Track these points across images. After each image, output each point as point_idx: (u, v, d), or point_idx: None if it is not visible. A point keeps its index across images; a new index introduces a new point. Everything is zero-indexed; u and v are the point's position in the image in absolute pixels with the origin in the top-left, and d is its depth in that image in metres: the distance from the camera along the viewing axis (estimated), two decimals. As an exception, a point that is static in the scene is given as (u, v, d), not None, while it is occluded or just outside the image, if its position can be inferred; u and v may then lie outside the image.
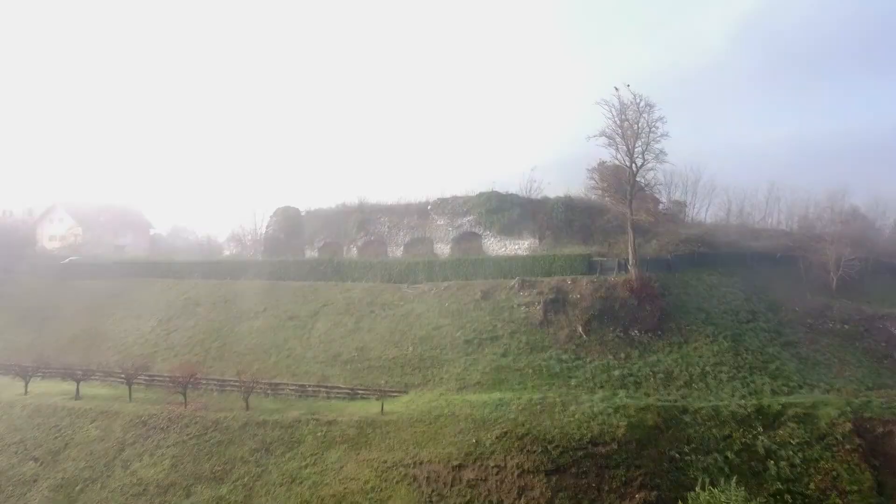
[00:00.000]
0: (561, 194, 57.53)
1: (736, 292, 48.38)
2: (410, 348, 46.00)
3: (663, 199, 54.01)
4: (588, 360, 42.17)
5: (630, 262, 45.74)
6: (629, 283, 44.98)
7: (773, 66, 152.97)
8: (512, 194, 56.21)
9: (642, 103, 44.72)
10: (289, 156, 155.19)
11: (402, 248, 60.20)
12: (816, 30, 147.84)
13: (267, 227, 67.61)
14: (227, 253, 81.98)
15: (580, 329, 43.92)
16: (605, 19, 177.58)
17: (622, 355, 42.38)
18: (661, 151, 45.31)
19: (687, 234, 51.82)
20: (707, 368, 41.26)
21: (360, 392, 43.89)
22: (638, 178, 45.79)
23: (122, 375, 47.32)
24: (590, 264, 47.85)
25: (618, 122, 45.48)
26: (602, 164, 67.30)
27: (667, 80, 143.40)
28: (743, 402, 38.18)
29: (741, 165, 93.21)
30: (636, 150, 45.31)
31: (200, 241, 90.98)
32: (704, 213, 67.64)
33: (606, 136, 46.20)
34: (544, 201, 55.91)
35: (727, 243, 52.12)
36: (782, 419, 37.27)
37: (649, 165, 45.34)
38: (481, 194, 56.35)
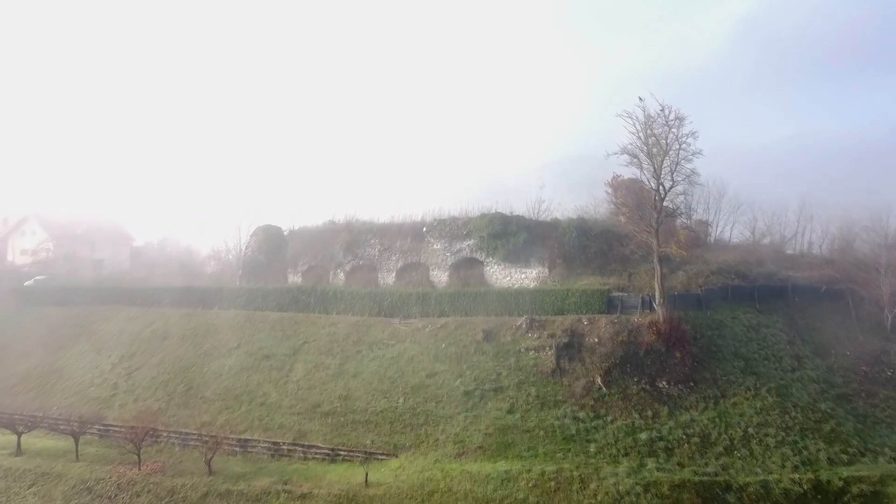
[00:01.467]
0: (573, 215, 51.37)
1: (777, 333, 41.98)
2: (401, 400, 39.67)
3: (688, 221, 47.34)
4: (609, 418, 35.83)
5: (657, 301, 39.38)
6: (656, 325, 38.65)
7: (773, 66, 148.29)
8: (518, 216, 49.69)
9: (671, 116, 38.41)
10: (273, 165, 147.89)
11: (393, 273, 53.82)
12: (817, 30, 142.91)
13: (246, 248, 61.22)
14: (207, 270, 75.90)
15: (599, 380, 37.58)
16: (605, 19, 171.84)
17: (649, 413, 36.02)
18: (693, 172, 39.03)
19: (718, 264, 45.34)
20: (750, 430, 34.89)
21: (341, 453, 37.59)
22: (666, 203, 39.39)
23: (69, 428, 41.33)
24: (609, 301, 41.47)
25: (642, 137, 39.12)
26: (617, 178, 61.19)
27: (667, 81, 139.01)
28: (796, 475, 31.92)
29: (741, 166, 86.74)
30: (663, 169, 38.93)
31: (181, 255, 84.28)
32: (729, 232, 61.32)
33: (629, 154, 39.88)
34: (554, 224, 49.40)
35: (765, 274, 45.61)
36: (845, 499, 31.12)
37: (679, 188, 39.01)
38: (483, 215, 49.89)
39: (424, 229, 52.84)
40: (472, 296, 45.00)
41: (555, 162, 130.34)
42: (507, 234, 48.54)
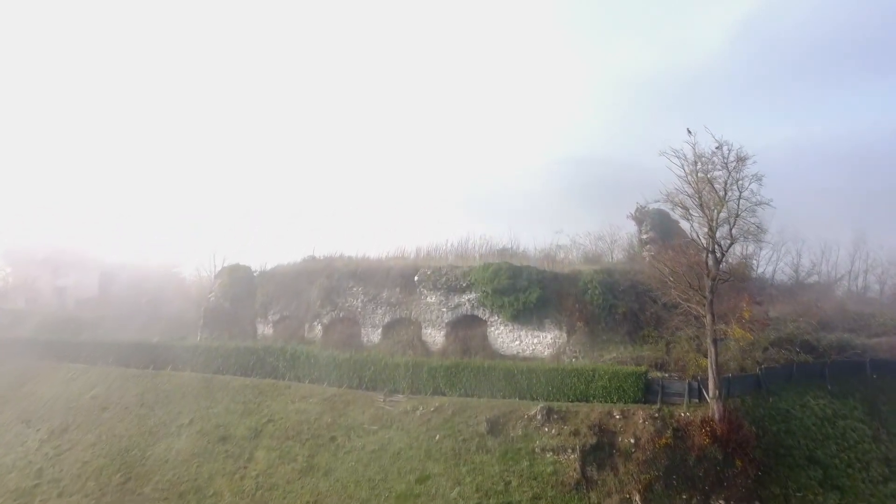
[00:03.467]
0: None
1: (858, 426, 33.33)
2: (383, 515, 31.13)
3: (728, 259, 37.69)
4: (653, 556, 27.28)
5: (710, 392, 30.74)
6: (709, 423, 30.07)
7: (773, 67, 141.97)
8: (529, 267, 40.86)
9: (731, 155, 29.80)
10: (249, 183, 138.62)
11: (379, 330, 45.23)
12: (817, 30, 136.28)
13: (209, 294, 52.53)
14: (174, 307, 67.67)
15: (637, 498, 28.97)
16: (605, 19, 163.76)
17: (705, 547, 27.46)
18: (759, 227, 30.38)
19: (777, 333, 36.60)
20: (840, 576, 26.34)
21: (304, 592, 29.17)
22: (722, 266, 30.71)
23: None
24: (646, 385, 32.84)
25: (692, 182, 30.51)
26: (642, 208, 52.44)
27: (667, 81, 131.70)
28: None
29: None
30: (719, 223, 30.34)
31: (151, 287, 75.63)
32: (771, 272, 52.90)
33: (674, 203, 31.30)
34: (574, 277, 40.57)
35: (836, 345, 36.84)
36: None
37: (747, 250, 30.63)
38: (487, 266, 41.13)
39: (416, 278, 44.17)
40: (473, 371, 36.35)
41: (556, 163, 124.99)
42: (517, 290, 39.85)
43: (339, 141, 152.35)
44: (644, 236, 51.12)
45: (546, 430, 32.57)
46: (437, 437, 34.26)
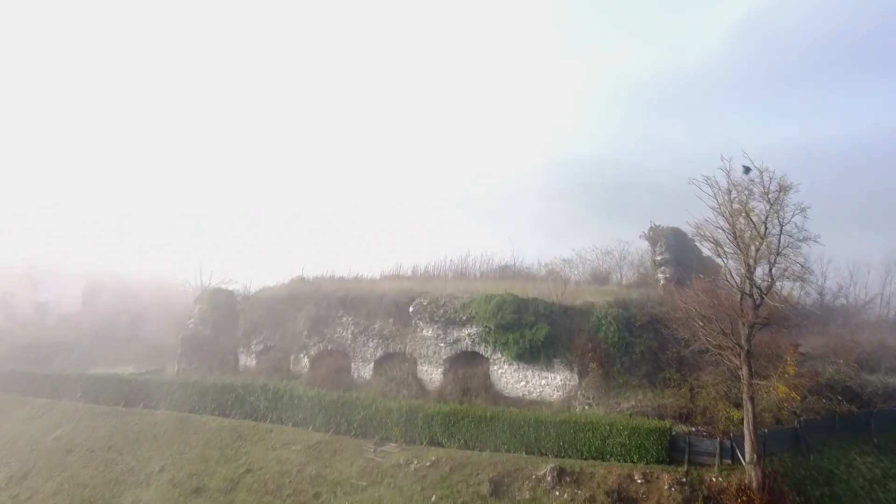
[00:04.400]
0: (608, 293, 38.84)
1: (912, 490, 29.44)
2: None
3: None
4: None
5: (747, 457, 26.81)
6: (746, 492, 26.17)
7: (773, 66, 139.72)
8: (536, 300, 36.83)
9: (772, 185, 25.89)
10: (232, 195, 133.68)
11: (371, 365, 41.32)
12: (817, 30, 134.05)
13: (188, 321, 48.55)
14: (154, 324, 64.06)
15: (664, 580, 25.10)
16: (605, 19, 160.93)
17: None
18: (804, 267, 26.48)
19: (815, 378, 32.53)
20: None
21: None
22: (760, 310, 26.73)
23: None
24: (671, 442, 28.91)
25: (726, 214, 26.60)
26: (656, 227, 48.65)
27: (667, 81, 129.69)
28: None
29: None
30: (757, 260, 26.44)
31: (133, 303, 71.80)
32: (797, 296, 48.93)
33: (704, 237, 27.41)
34: (586, 311, 36.60)
35: (883, 391, 32.79)
36: None
37: (791, 292, 26.81)
38: (489, 298, 37.16)
39: (411, 309, 40.23)
40: (474, 420, 32.35)
41: (556, 164, 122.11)
42: (522, 326, 35.93)
43: (338, 142, 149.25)
44: (658, 258, 47.45)
45: (557, 493, 28.59)
46: (434, 499, 30.29)
